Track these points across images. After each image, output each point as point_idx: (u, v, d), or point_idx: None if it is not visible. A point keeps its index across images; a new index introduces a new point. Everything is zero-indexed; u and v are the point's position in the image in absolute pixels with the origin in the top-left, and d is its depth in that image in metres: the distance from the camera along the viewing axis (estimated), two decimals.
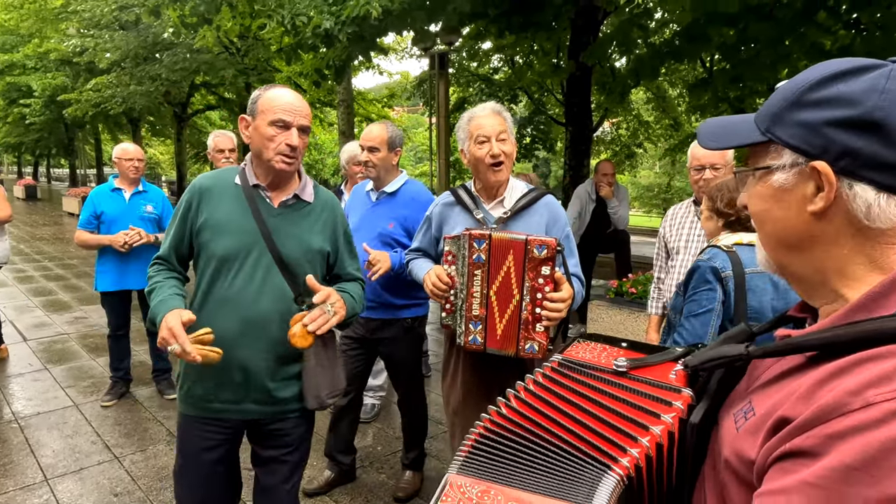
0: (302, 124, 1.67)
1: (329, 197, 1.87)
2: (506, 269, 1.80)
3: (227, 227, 1.69)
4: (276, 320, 1.69)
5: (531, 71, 14.07)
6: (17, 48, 21.78)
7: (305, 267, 1.73)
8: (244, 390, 1.72)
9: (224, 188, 1.73)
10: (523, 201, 2.03)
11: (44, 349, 5.13)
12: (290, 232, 1.72)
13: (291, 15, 4.81)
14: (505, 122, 2.01)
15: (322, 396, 1.77)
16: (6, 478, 3.03)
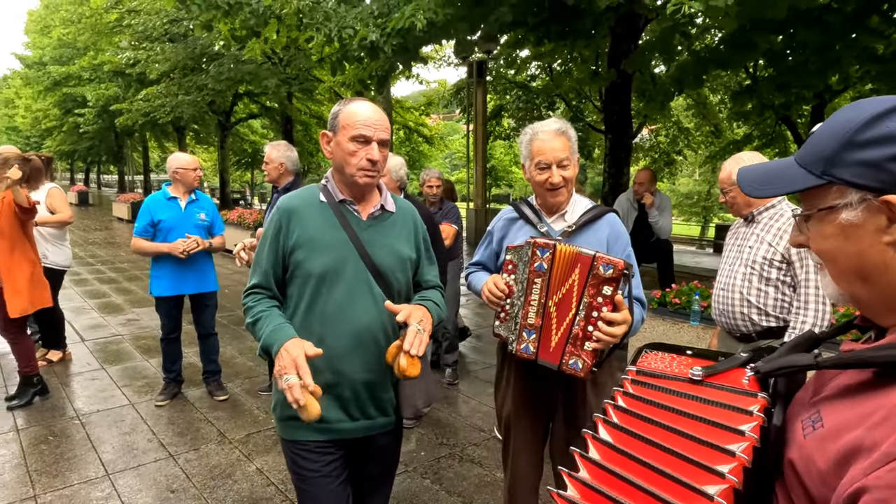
0: (381, 138, 1.67)
1: (407, 205, 1.90)
2: (570, 282, 1.81)
3: (320, 243, 1.67)
4: (380, 330, 1.69)
5: (569, 78, 14.02)
6: (73, 60, 22.84)
7: (398, 276, 1.75)
8: (353, 406, 1.70)
9: (310, 207, 1.72)
10: (587, 217, 2.04)
11: (100, 349, 5.37)
12: (382, 242, 1.74)
13: (338, 28, 4.95)
14: (568, 143, 2.00)
15: (418, 405, 1.82)
16: (71, 472, 3.19)
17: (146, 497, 2.95)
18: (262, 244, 1.76)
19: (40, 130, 31.15)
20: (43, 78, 25.34)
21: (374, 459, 1.83)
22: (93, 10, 16.35)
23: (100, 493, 2.99)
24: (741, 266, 2.42)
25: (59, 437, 3.60)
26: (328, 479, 1.71)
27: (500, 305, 2.01)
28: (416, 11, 4.73)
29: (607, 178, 8.92)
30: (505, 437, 2.24)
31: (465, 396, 4.40)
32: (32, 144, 36.75)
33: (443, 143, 26.26)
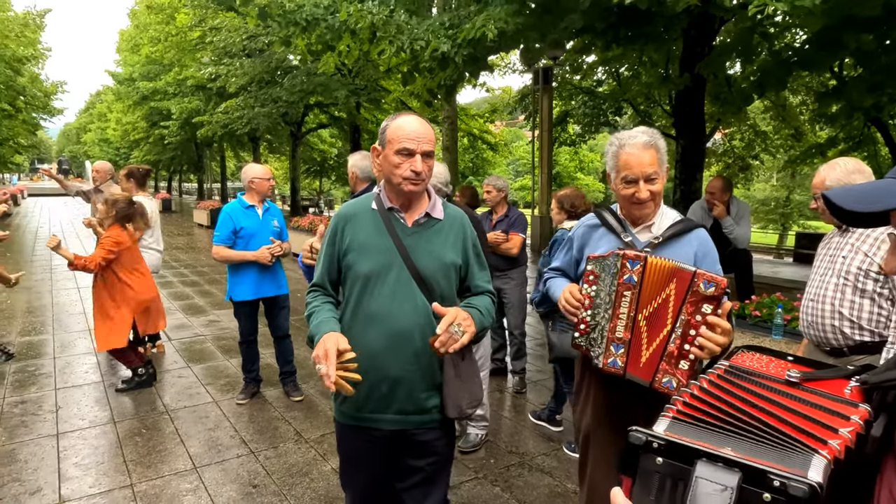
0: (425, 150, 1.77)
1: (458, 213, 1.95)
2: (663, 296, 1.77)
3: (368, 248, 1.81)
4: (418, 333, 1.78)
5: (637, 82, 13.70)
6: (159, 76, 24.39)
7: (441, 281, 1.82)
8: (389, 401, 1.80)
9: (363, 213, 1.87)
10: (674, 230, 1.99)
11: (185, 348, 5.70)
12: (425, 248, 1.82)
13: (410, 40, 5.07)
14: (657, 155, 1.94)
15: (462, 406, 1.84)
16: (163, 463, 3.41)
17: (230, 491, 3.11)
18: (322, 248, 1.93)
19: (129, 142, 33.41)
20: (132, 93, 27.20)
21: (416, 454, 1.89)
22: (178, 29, 17.42)
23: (188, 484, 3.17)
24: (833, 277, 2.31)
25: (151, 430, 3.85)
26: (366, 460, 1.90)
27: (575, 316, 2.00)
28: (487, 22, 4.78)
29: (678, 184, 8.64)
30: (583, 450, 2.21)
31: (532, 405, 4.38)
32: (122, 155, 39.47)
33: (507, 149, 26.20)
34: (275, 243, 4.14)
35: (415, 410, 1.83)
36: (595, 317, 1.94)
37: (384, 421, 1.83)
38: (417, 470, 1.90)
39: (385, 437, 1.86)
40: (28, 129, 26.58)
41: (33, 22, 21.96)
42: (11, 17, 20.46)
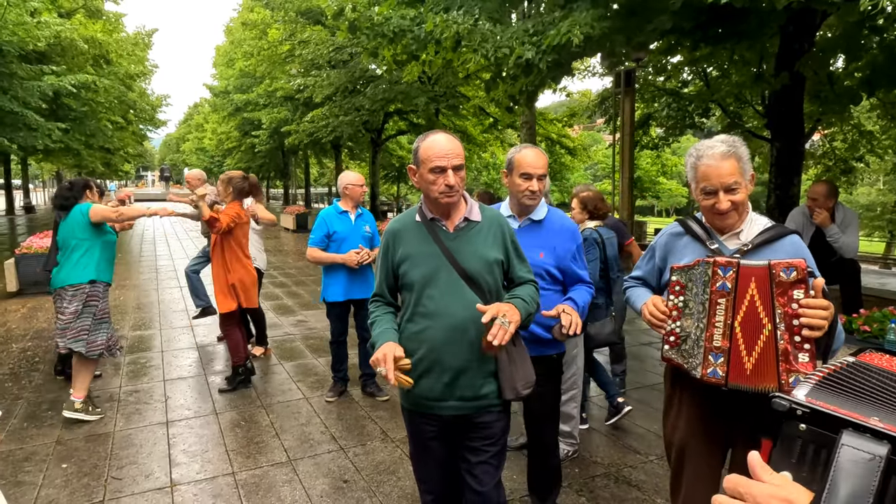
0: (455, 164, 1.95)
1: (494, 213, 2.12)
2: (748, 299, 1.74)
3: (417, 257, 2.02)
4: (471, 326, 1.95)
5: (727, 82, 13.07)
6: (251, 88, 25.89)
7: (486, 277, 2.00)
8: (450, 389, 1.99)
9: (409, 226, 2.08)
10: (765, 236, 1.91)
11: (277, 346, 6.02)
12: (468, 250, 2.01)
13: (495, 48, 5.12)
14: (739, 164, 1.88)
15: (517, 388, 2.00)
16: (260, 454, 3.62)
17: (322, 484, 3.26)
18: (377, 260, 2.18)
19: (223, 151, 35.63)
20: (226, 104, 29.02)
21: (475, 437, 2.05)
22: (269, 43, 18.43)
23: (284, 476, 3.36)
24: None
25: (249, 423, 4.10)
26: (432, 442, 2.10)
27: (662, 328, 1.97)
28: (573, 27, 4.74)
29: (773, 189, 8.16)
30: (677, 465, 2.15)
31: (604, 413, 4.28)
32: (216, 162, 42.12)
33: (585, 153, 25.70)
34: (362, 250, 4.29)
35: (473, 396, 2.00)
36: (686, 327, 1.90)
37: (446, 407, 2.02)
38: (476, 450, 2.06)
39: (447, 421, 2.05)
40: (136, 139, 28.97)
41: (143, 41, 23.94)
42: (124, 37, 22.39)
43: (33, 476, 3.33)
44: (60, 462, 3.50)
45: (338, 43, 13.59)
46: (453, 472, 2.16)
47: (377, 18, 5.93)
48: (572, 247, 2.53)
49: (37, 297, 8.38)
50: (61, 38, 14.45)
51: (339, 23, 6.20)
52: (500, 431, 2.08)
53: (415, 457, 2.24)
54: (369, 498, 3.12)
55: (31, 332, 6.56)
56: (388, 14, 6.02)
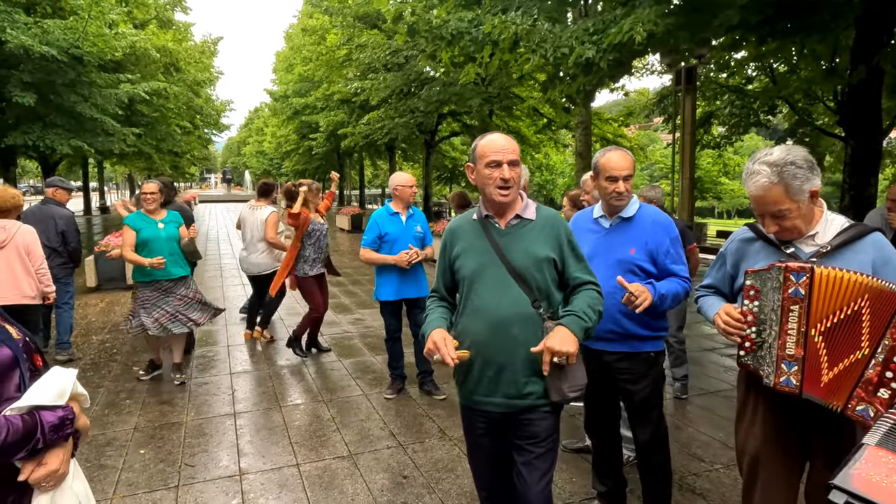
0: (510, 159, 2.00)
1: (551, 213, 2.14)
2: (850, 313, 1.65)
3: (469, 251, 2.10)
4: (517, 322, 1.98)
5: (796, 78, 12.50)
6: (310, 92, 26.60)
7: (535, 274, 2.01)
8: (495, 384, 2.03)
9: (466, 224, 2.17)
10: (844, 237, 1.83)
11: (336, 343, 6.17)
12: (518, 246, 2.03)
13: (554, 48, 5.08)
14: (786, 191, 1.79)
15: (564, 390, 1.97)
16: (323, 448, 3.73)
17: (383, 479, 3.33)
18: (437, 257, 2.27)
19: (281, 153, 36.76)
20: (286, 109, 29.92)
21: (522, 434, 2.05)
22: (328, 48, 18.91)
23: (346, 469, 3.44)
24: None
25: (311, 416, 4.23)
26: (482, 439, 2.16)
27: (738, 335, 1.91)
28: (635, 24, 4.66)
29: (847, 189, 7.75)
30: (750, 476, 2.07)
31: (678, 422, 4.18)
32: (275, 165, 43.49)
33: (642, 153, 25.08)
34: (412, 250, 4.35)
35: (518, 395, 2.01)
36: (760, 333, 1.85)
37: (493, 404, 2.06)
38: (521, 450, 2.05)
39: (496, 418, 2.09)
40: (202, 143, 30.25)
41: (209, 49, 25.02)
42: (192, 46, 23.46)
43: (114, 460, 3.55)
44: (138, 448, 3.71)
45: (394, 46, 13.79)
46: (506, 470, 2.17)
47: (435, 21, 6.00)
48: (665, 241, 2.53)
49: (113, 293, 8.90)
50: (136, 48, 15.29)
51: (397, 26, 6.31)
52: (545, 432, 2.04)
53: (469, 453, 2.31)
54: (428, 494, 3.16)
55: (108, 325, 6.97)
56: (446, 17, 6.08)
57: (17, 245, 4.35)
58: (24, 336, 1.46)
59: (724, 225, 28.63)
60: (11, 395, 1.33)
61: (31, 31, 12.30)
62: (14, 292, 4.30)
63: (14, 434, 1.25)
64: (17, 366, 1.36)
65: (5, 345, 1.35)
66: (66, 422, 1.36)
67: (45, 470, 1.33)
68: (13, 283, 4.31)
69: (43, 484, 1.34)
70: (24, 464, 1.31)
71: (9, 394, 1.33)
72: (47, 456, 1.34)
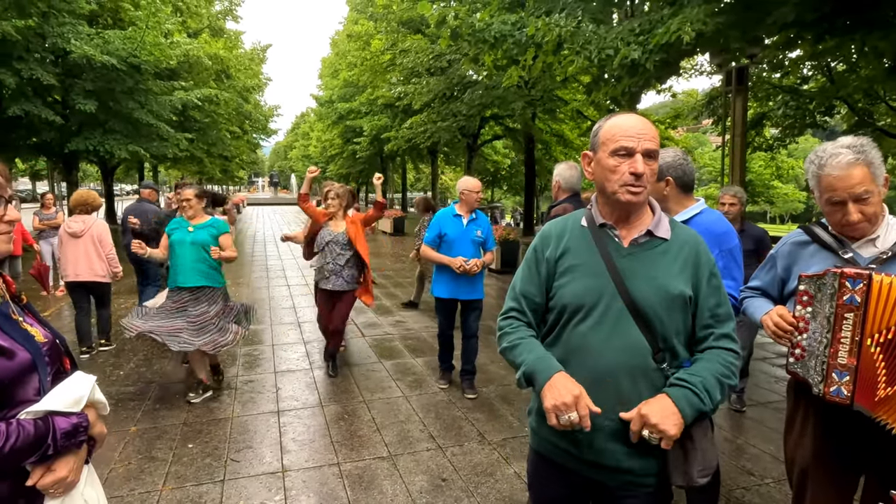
0: (647, 148, 1.48)
1: (690, 234, 1.61)
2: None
3: (575, 270, 1.58)
4: (627, 376, 1.50)
5: (856, 77, 11.96)
6: (354, 97, 27.05)
7: (662, 315, 1.50)
8: (584, 448, 1.55)
9: (570, 231, 1.65)
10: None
11: (376, 345, 6.23)
12: (645, 274, 1.52)
13: (598, 49, 5.02)
14: (868, 171, 1.71)
15: (692, 474, 1.49)
16: (363, 447, 3.77)
17: (422, 481, 3.34)
18: (521, 268, 1.74)
19: (326, 157, 37.43)
20: (331, 113, 30.49)
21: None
22: (372, 54, 19.18)
23: (385, 470, 3.47)
24: None
25: (352, 417, 4.28)
26: (550, 497, 1.70)
27: (789, 340, 1.83)
28: (683, 24, 4.54)
29: None
30: (799, 488, 2.00)
31: (727, 433, 4.04)
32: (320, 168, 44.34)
33: (691, 156, 24.44)
34: (470, 262, 4.43)
35: (614, 467, 1.54)
36: (812, 341, 1.77)
37: (575, 465, 1.60)
38: None
39: (581, 483, 1.62)
40: (250, 147, 31.16)
41: (258, 56, 25.76)
42: (242, 53, 24.20)
43: (164, 453, 3.67)
44: (186, 442, 3.83)
45: (437, 51, 13.89)
46: None
47: (478, 25, 6.01)
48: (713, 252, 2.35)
49: None
50: (189, 57, 15.89)
51: (441, 31, 6.36)
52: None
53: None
54: (467, 498, 3.15)
55: None
56: (489, 20, 6.08)
57: (92, 235, 5.51)
58: (53, 338, 1.45)
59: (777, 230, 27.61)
60: (30, 398, 1.32)
61: (93, 41, 12.94)
62: (89, 272, 5.50)
63: (24, 439, 1.24)
64: (36, 370, 1.34)
65: (25, 349, 1.33)
66: (80, 429, 1.35)
67: (53, 477, 1.32)
68: (88, 264, 5.50)
69: (51, 491, 1.33)
70: (33, 468, 1.31)
71: (27, 397, 1.31)
72: (57, 463, 1.33)
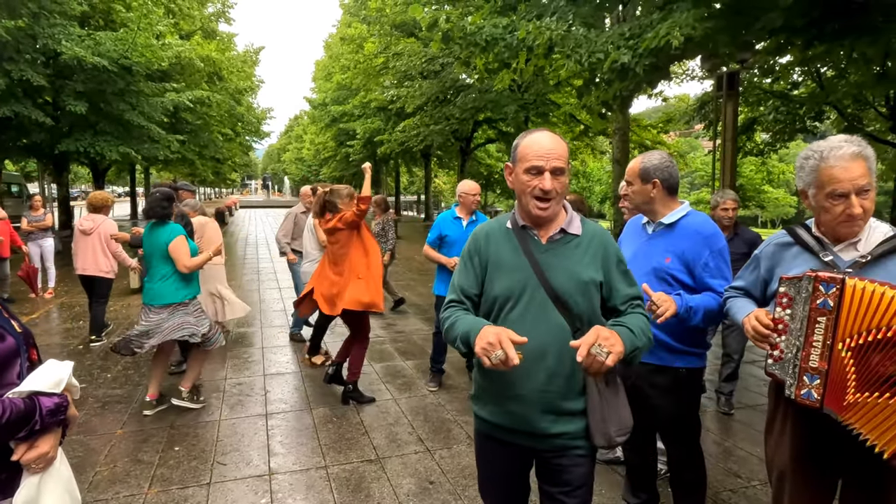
0: (555, 166, 1.70)
1: (597, 228, 1.86)
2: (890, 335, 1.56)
3: (503, 267, 1.79)
4: (552, 354, 1.70)
5: (845, 82, 12.09)
6: (347, 100, 27.04)
7: (577, 299, 1.72)
8: (518, 421, 1.77)
9: (498, 232, 1.86)
10: (888, 246, 1.74)
11: (368, 348, 6.19)
12: (561, 266, 1.75)
13: (588, 53, 5.04)
14: (867, 165, 1.72)
15: (610, 433, 1.72)
16: (351, 451, 3.75)
17: (409, 483, 3.33)
18: (458, 266, 1.94)
19: (319, 160, 37.41)
20: (324, 116, 30.46)
21: (551, 481, 1.80)
22: (365, 57, 19.20)
23: (373, 472, 3.45)
24: None
25: (341, 419, 4.26)
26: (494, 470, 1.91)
27: (767, 343, 1.85)
28: (672, 28, 4.57)
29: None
30: (778, 491, 2.00)
31: (714, 435, 4.05)
32: (313, 171, 44.27)
33: (682, 161, 24.58)
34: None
35: (546, 433, 1.75)
36: (789, 343, 1.78)
37: (520, 437, 1.79)
38: (551, 498, 1.80)
39: (518, 453, 1.83)
40: (242, 150, 31.05)
41: (251, 58, 25.72)
42: (235, 55, 24.14)
43: (150, 456, 3.64)
44: (173, 445, 3.80)
45: (430, 54, 13.92)
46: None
47: (470, 28, 6.02)
48: (703, 253, 2.36)
49: None
50: (181, 58, 15.83)
51: (432, 34, 6.36)
52: (578, 480, 1.76)
53: (480, 483, 2.01)
54: (454, 500, 3.14)
55: None
56: (481, 23, 6.10)
57: (99, 233, 5.96)
58: (24, 330, 1.59)
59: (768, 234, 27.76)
60: (13, 381, 1.46)
61: (84, 42, 12.88)
62: (94, 266, 5.95)
63: (17, 414, 1.37)
64: (19, 355, 1.50)
65: (10, 335, 1.49)
66: (62, 408, 1.48)
67: (36, 452, 1.44)
68: (94, 260, 5.95)
69: (33, 465, 1.45)
70: (17, 445, 1.43)
71: (10, 380, 1.46)
72: (40, 440, 1.46)
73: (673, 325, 2.37)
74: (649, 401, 2.51)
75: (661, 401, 2.50)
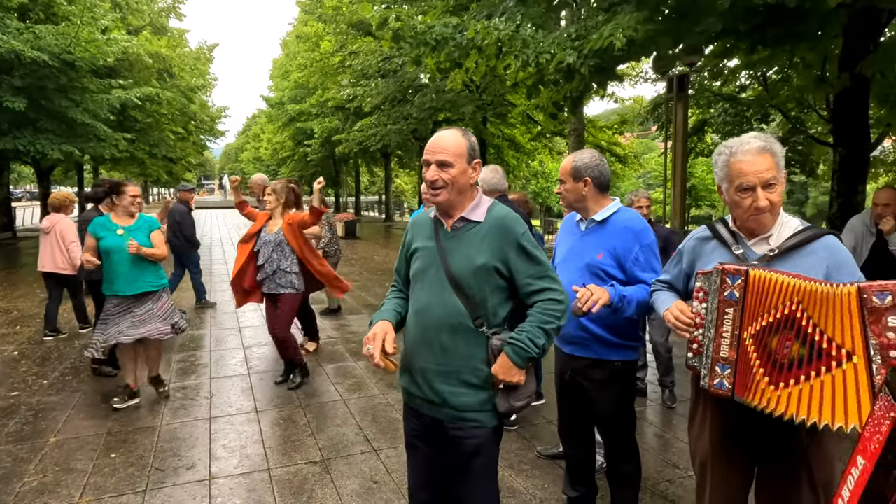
0: (438, 160, 1.90)
1: (502, 215, 1.95)
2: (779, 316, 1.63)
3: (419, 251, 2.04)
4: (444, 330, 1.90)
5: (788, 86, 12.58)
6: (305, 99, 26.66)
7: (471, 282, 1.88)
8: (421, 390, 1.98)
9: (423, 221, 2.10)
10: (797, 239, 1.81)
11: None
12: (458, 251, 1.93)
13: (535, 53, 5.09)
14: (774, 160, 1.79)
15: (510, 399, 1.90)
16: (296, 453, 3.69)
17: (353, 484, 3.30)
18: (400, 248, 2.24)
19: (277, 160, 36.79)
20: (281, 115, 29.98)
21: (450, 450, 1.97)
22: (322, 55, 18.98)
23: (317, 474, 3.41)
24: None
25: (288, 422, 4.19)
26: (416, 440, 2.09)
27: (686, 332, 1.90)
28: (616, 31, 4.66)
29: (835, 197, 7.77)
30: (700, 481, 2.07)
31: (656, 428, 4.16)
32: (271, 171, 43.49)
33: (637, 161, 25.14)
34: None
35: (442, 403, 1.93)
36: (704, 336, 1.84)
37: (425, 406, 2.00)
38: (451, 467, 1.98)
39: (429, 424, 2.02)
40: (197, 149, 30.25)
41: (204, 56, 25.07)
42: (187, 52, 23.50)
43: (84, 464, 3.51)
44: (109, 452, 3.67)
45: (386, 53, 13.86)
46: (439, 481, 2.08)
47: (420, 27, 6.02)
48: (633, 247, 2.41)
49: None
50: (129, 54, 15.32)
51: (383, 32, 6.33)
52: (473, 451, 1.90)
53: (408, 456, 2.17)
54: (398, 499, 3.13)
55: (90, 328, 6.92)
56: (431, 23, 6.10)
57: (56, 232, 6.12)
58: None
59: None
60: None
61: (22, 36, 12.31)
62: (51, 264, 6.19)
63: None
64: None
65: None
66: None
67: None
68: (51, 257, 6.18)
69: None
70: None
71: None
72: None
73: (608, 318, 2.41)
74: (586, 394, 2.56)
75: (598, 394, 2.54)
